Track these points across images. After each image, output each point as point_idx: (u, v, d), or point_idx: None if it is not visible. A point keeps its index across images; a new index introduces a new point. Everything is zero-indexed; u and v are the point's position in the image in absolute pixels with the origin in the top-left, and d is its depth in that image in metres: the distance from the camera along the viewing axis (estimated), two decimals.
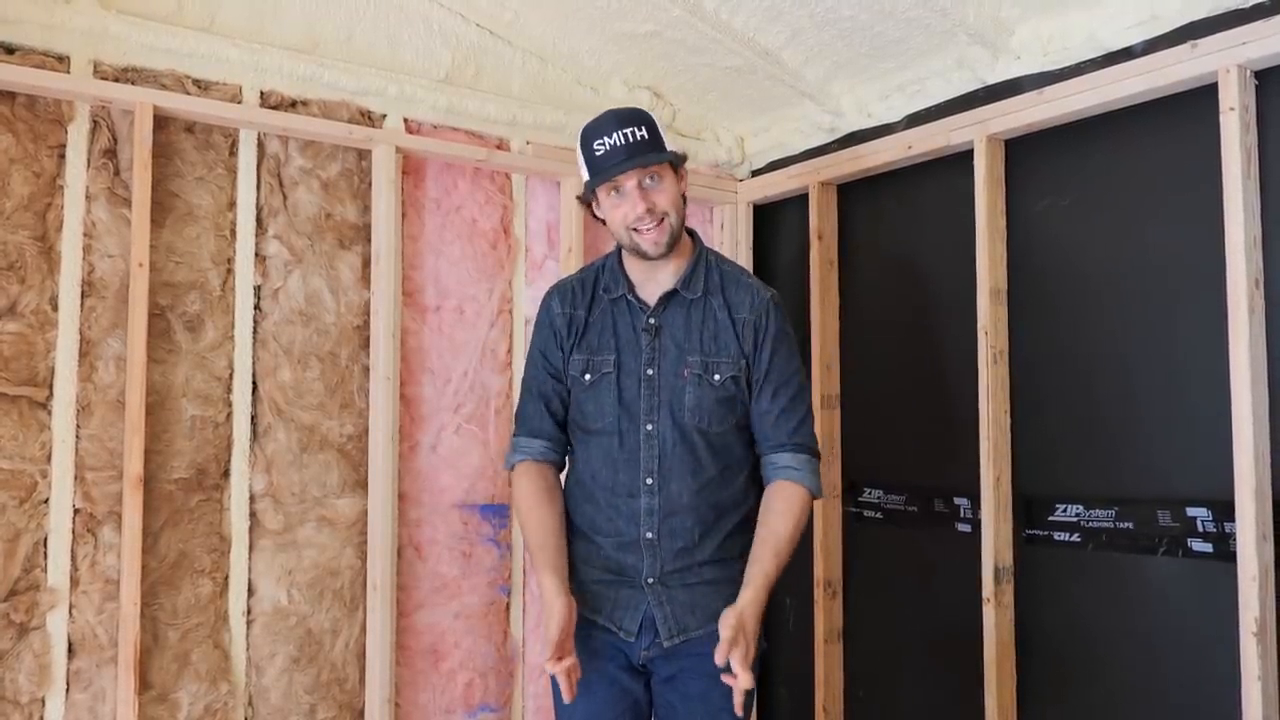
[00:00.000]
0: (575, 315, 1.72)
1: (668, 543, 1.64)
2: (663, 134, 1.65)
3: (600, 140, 1.61)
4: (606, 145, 1.60)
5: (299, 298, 2.13)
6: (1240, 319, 1.67)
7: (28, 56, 1.84)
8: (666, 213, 1.62)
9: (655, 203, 1.61)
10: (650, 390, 1.65)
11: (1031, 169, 2.08)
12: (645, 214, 1.60)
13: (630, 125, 1.60)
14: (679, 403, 1.64)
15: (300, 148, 2.15)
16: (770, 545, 1.58)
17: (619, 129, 1.60)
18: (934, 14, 2.02)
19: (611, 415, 1.66)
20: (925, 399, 2.30)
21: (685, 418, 1.64)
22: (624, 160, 1.59)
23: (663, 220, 1.61)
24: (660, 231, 1.62)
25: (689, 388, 1.64)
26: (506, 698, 2.37)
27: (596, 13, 2.27)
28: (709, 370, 1.65)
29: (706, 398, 1.64)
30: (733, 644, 1.45)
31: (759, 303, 1.68)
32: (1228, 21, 1.72)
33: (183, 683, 1.96)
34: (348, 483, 2.16)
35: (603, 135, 1.61)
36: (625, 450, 1.66)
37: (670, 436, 1.64)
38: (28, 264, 1.84)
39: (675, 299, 1.68)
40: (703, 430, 1.64)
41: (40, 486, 1.83)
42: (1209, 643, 1.75)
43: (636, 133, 1.60)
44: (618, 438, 1.66)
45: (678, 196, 1.64)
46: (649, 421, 1.65)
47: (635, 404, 1.65)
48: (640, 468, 1.65)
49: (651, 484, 1.64)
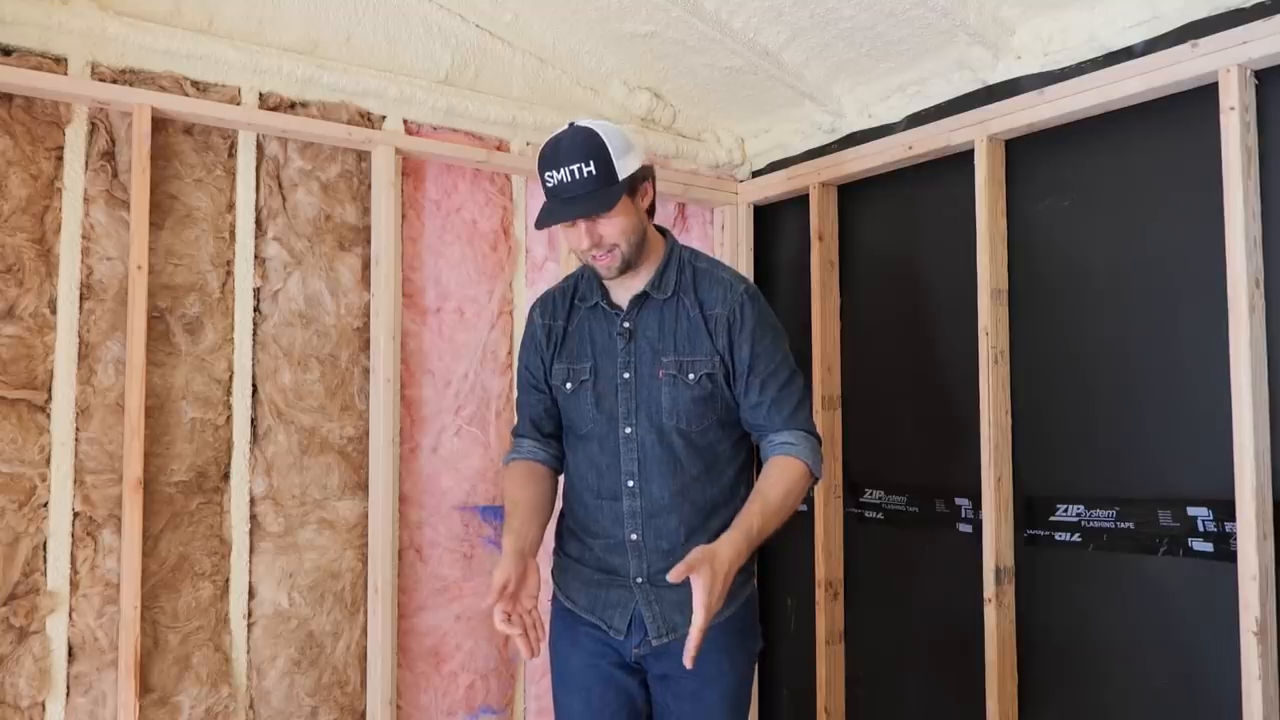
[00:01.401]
0: (554, 326, 1.74)
1: (653, 543, 1.66)
2: (616, 159, 1.54)
3: (550, 171, 1.55)
4: (554, 179, 1.55)
5: (299, 300, 2.12)
6: (1240, 318, 1.67)
7: (25, 58, 1.83)
8: (615, 244, 1.59)
9: (602, 236, 1.58)
10: (628, 394, 1.66)
11: (1032, 169, 2.08)
12: (593, 246, 1.58)
13: (578, 160, 1.52)
14: (655, 404, 1.65)
15: (299, 149, 2.14)
16: (758, 504, 1.54)
17: (567, 164, 1.53)
18: (934, 14, 2.02)
19: (591, 420, 1.68)
20: (926, 400, 2.30)
21: (663, 419, 1.65)
22: (565, 204, 1.55)
23: (612, 250, 1.59)
24: (611, 258, 1.60)
25: (664, 388, 1.64)
26: (508, 699, 2.37)
27: (596, 14, 2.27)
28: (683, 370, 1.64)
29: (682, 397, 1.64)
30: (693, 567, 1.38)
31: (731, 296, 1.65)
32: (1228, 21, 1.72)
33: (183, 686, 1.95)
34: (348, 485, 2.16)
35: (551, 168, 1.55)
36: (606, 454, 1.68)
37: (649, 439, 1.65)
38: (26, 267, 1.84)
39: (647, 301, 1.68)
40: (681, 430, 1.65)
41: (39, 490, 1.83)
42: (1209, 642, 1.75)
43: (584, 169, 1.52)
44: (598, 442, 1.68)
45: (630, 222, 1.59)
46: (627, 425, 1.66)
47: (614, 408, 1.67)
48: (621, 470, 1.67)
49: (633, 486, 1.66)
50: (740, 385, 1.65)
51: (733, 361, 1.64)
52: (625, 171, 1.56)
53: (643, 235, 1.64)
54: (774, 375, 1.65)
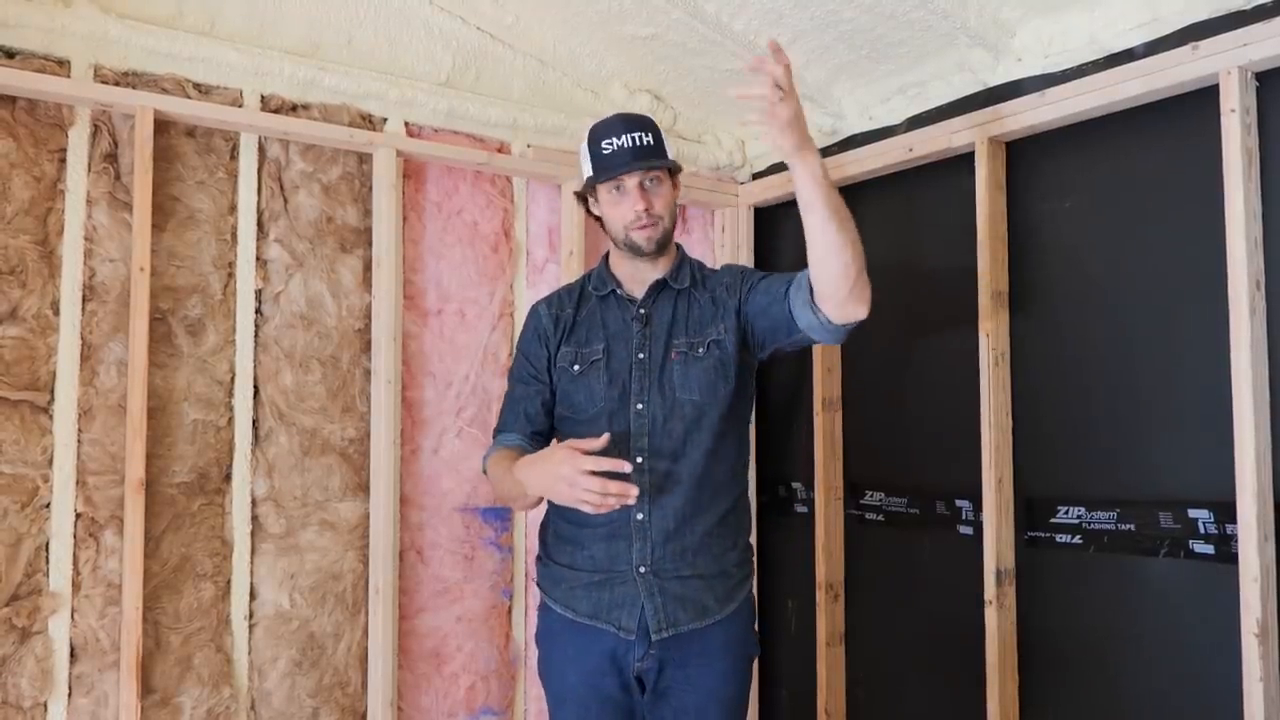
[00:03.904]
0: (563, 315, 1.81)
1: (659, 523, 1.67)
2: (666, 143, 1.75)
3: (609, 140, 1.71)
4: (614, 145, 1.70)
5: (300, 301, 2.13)
6: (1241, 320, 1.67)
7: (28, 61, 1.84)
8: (661, 216, 1.73)
9: (653, 204, 1.72)
10: (641, 372, 1.72)
11: (1033, 171, 2.08)
12: (644, 212, 1.70)
13: (638, 130, 1.72)
14: (668, 379, 1.71)
15: (301, 151, 2.15)
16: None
17: (628, 132, 1.71)
18: (935, 16, 2.02)
19: (601, 399, 1.71)
20: (927, 401, 2.30)
21: (676, 394, 1.70)
22: (631, 161, 1.69)
23: (657, 222, 1.73)
24: (655, 230, 1.73)
25: (677, 365, 1.72)
26: (509, 701, 2.37)
27: (597, 16, 2.27)
28: (694, 348, 1.73)
29: (694, 368, 1.71)
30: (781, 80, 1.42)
31: (729, 272, 1.82)
32: (1229, 23, 1.72)
33: (185, 687, 1.96)
34: (349, 486, 2.16)
35: (611, 136, 1.71)
36: (614, 432, 1.67)
37: (659, 414, 1.69)
38: (29, 268, 1.84)
39: (664, 290, 1.78)
40: (694, 402, 1.69)
41: (42, 491, 1.83)
42: (1211, 644, 1.75)
43: (643, 137, 1.71)
44: (607, 419, 1.70)
45: (672, 202, 1.76)
46: (639, 401, 1.70)
47: (626, 386, 1.71)
48: (630, 447, 1.68)
49: (641, 462, 1.67)
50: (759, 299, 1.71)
51: (745, 306, 1.73)
52: (671, 154, 1.78)
53: (674, 225, 1.79)
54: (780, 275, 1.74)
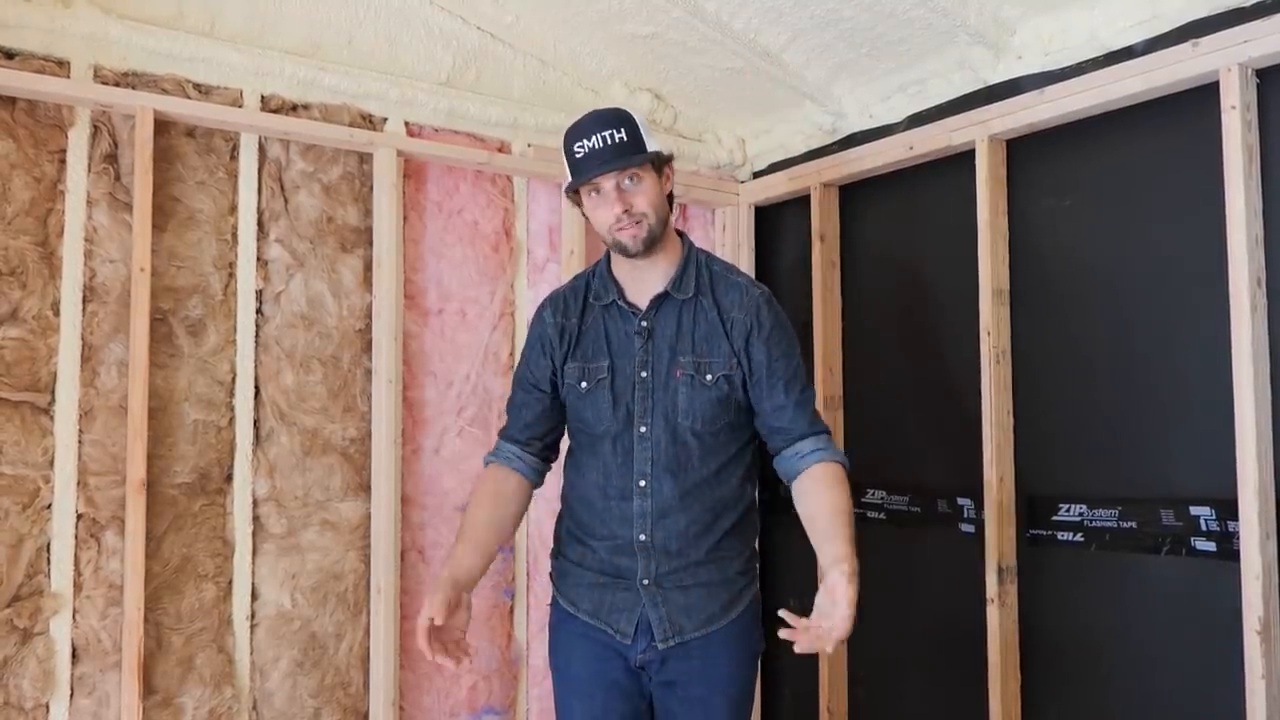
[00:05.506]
0: (568, 325, 1.73)
1: (662, 544, 1.65)
2: (644, 134, 1.64)
3: (580, 142, 1.62)
4: (586, 147, 1.61)
5: (301, 301, 2.13)
6: (1242, 317, 1.67)
7: (28, 61, 1.84)
8: (644, 214, 1.62)
9: (632, 204, 1.62)
10: (645, 392, 1.66)
11: (1033, 169, 2.08)
12: (623, 214, 1.61)
13: (610, 128, 1.61)
14: (672, 404, 1.65)
15: (301, 151, 2.15)
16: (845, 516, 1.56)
17: (598, 131, 1.61)
18: (935, 14, 2.02)
19: (608, 419, 1.67)
20: (928, 400, 2.30)
21: (678, 419, 1.65)
22: (603, 163, 1.60)
23: (640, 221, 1.62)
24: (639, 229, 1.62)
25: (681, 388, 1.65)
26: (510, 700, 2.37)
27: (597, 15, 2.27)
28: (700, 370, 1.65)
29: (699, 398, 1.64)
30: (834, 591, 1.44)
31: (749, 301, 1.68)
32: (1229, 20, 1.72)
33: (187, 687, 1.95)
34: (350, 486, 2.16)
35: (583, 138, 1.62)
36: (620, 453, 1.67)
37: (664, 438, 1.65)
38: (29, 269, 1.84)
39: (667, 301, 1.68)
40: (696, 431, 1.65)
41: (43, 492, 1.83)
42: (1213, 642, 1.75)
43: (615, 135, 1.60)
44: (612, 441, 1.67)
45: (658, 197, 1.64)
46: (643, 424, 1.66)
47: (630, 407, 1.66)
48: (634, 470, 1.66)
49: (645, 486, 1.65)
50: (761, 389, 1.66)
51: (750, 365, 1.65)
52: (651, 146, 1.65)
53: (666, 217, 1.68)
54: (795, 379, 1.66)
